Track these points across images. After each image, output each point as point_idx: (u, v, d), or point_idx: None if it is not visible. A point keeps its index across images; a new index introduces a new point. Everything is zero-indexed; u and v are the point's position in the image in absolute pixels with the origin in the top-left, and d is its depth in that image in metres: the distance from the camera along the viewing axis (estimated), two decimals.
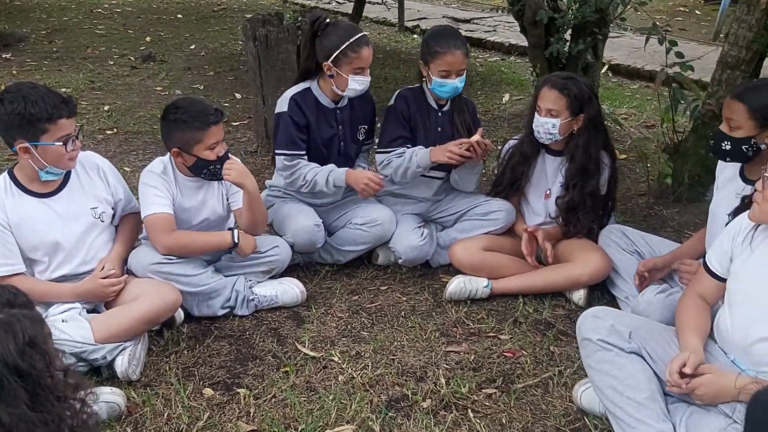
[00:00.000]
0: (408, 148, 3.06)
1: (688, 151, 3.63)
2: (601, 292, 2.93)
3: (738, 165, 2.51)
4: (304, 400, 2.35)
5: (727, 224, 2.44)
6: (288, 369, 2.50)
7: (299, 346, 2.64)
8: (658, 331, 2.19)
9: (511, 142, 3.15)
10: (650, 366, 2.09)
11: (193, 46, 7.43)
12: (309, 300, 2.93)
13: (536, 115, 2.89)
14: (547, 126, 2.86)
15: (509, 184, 3.08)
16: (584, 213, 2.93)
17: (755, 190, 2.01)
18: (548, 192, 3.03)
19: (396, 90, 3.21)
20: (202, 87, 5.98)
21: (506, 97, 5.75)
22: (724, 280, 2.12)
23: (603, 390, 2.08)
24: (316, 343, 2.67)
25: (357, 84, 2.92)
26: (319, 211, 3.14)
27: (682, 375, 1.95)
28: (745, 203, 2.38)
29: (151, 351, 2.58)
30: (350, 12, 7.37)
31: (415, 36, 8.11)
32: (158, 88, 5.91)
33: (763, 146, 2.36)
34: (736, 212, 2.42)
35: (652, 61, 6.60)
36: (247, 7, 9.76)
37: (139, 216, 2.76)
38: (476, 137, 2.92)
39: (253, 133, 4.73)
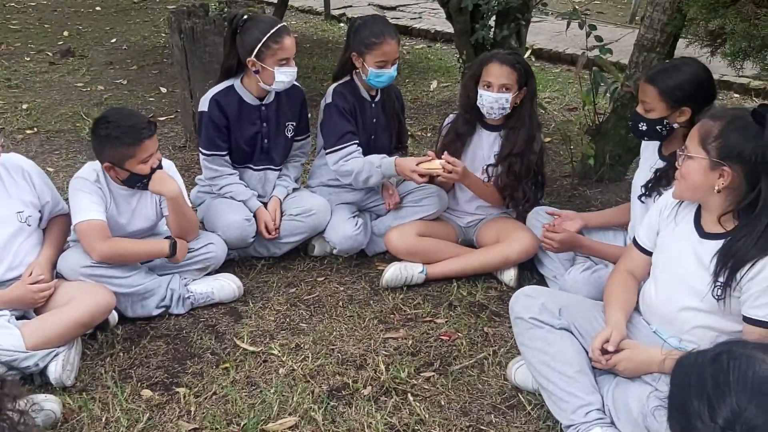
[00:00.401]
0: (357, 144, 3.07)
1: (608, 133, 3.78)
2: (531, 272, 3.03)
3: (657, 142, 2.64)
4: (245, 395, 2.36)
5: (640, 197, 2.59)
6: (228, 365, 2.50)
7: (238, 342, 2.64)
8: (586, 307, 2.29)
9: (451, 117, 3.19)
10: (579, 341, 2.19)
11: (114, 40, 7.21)
12: (246, 295, 2.92)
13: (485, 91, 2.93)
14: (501, 101, 2.92)
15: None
16: (527, 183, 3.03)
17: (677, 170, 2.13)
18: (485, 168, 3.10)
19: (325, 79, 3.24)
20: (125, 82, 5.83)
21: (434, 84, 5.81)
22: (651, 255, 2.24)
23: (536, 366, 2.17)
24: (255, 338, 2.67)
25: (284, 76, 2.92)
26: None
27: (604, 351, 2.05)
28: (658, 176, 2.53)
29: (86, 355, 2.54)
30: (275, 2, 7.29)
31: (342, 24, 8.09)
32: (79, 84, 5.73)
33: (675, 125, 2.49)
34: (647, 185, 2.57)
35: (572, 45, 6.78)
36: None
37: (68, 218, 2.69)
38: (441, 161, 2.91)
39: (181, 128, 4.65)
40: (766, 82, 5.32)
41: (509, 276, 2.98)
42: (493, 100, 2.92)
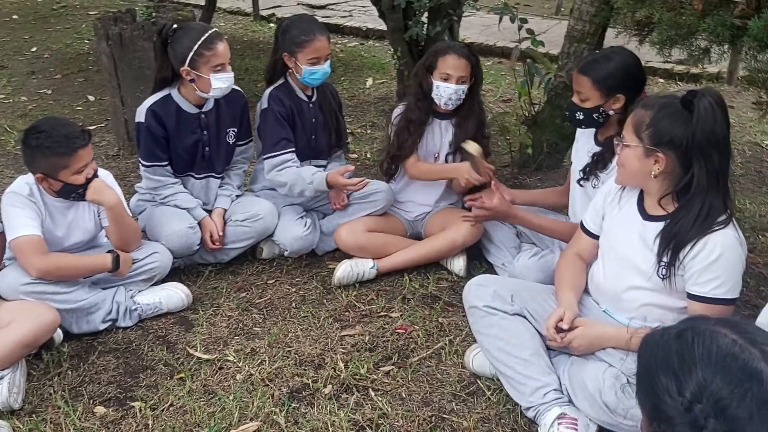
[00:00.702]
0: (293, 150, 3.07)
1: (544, 122, 3.87)
2: (479, 261, 3.08)
3: (592, 129, 2.71)
4: (204, 404, 2.31)
5: (578, 181, 2.67)
6: (183, 375, 2.45)
7: (191, 351, 2.59)
8: (536, 291, 2.35)
9: (398, 110, 3.19)
10: (533, 325, 2.24)
11: (34, 49, 6.93)
12: (195, 302, 2.87)
13: (443, 83, 2.94)
14: (459, 93, 2.97)
15: (411, 146, 3.10)
16: None
17: (614, 155, 2.20)
18: (437, 155, 3.13)
19: (259, 80, 3.21)
20: (50, 91, 5.62)
21: (369, 81, 5.83)
22: (598, 238, 2.30)
23: (492, 352, 2.21)
24: (209, 345, 2.63)
25: (221, 82, 2.87)
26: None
27: (559, 330, 2.11)
28: (595, 161, 2.62)
29: (31, 376, 2.44)
30: (203, 3, 7.16)
31: (272, 25, 8.01)
32: (1, 96, 5.49)
33: (611, 112, 2.57)
34: (585, 170, 2.65)
35: (502, 38, 6.92)
36: (90, 3, 9.22)
37: (2, 236, 2.58)
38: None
39: (113, 136, 4.51)
40: (689, 67, 5.55)
41: (459, 266, 3.02)
42: (452, 92, 2.95)
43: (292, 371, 2.47)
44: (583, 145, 2.78)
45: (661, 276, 2.01)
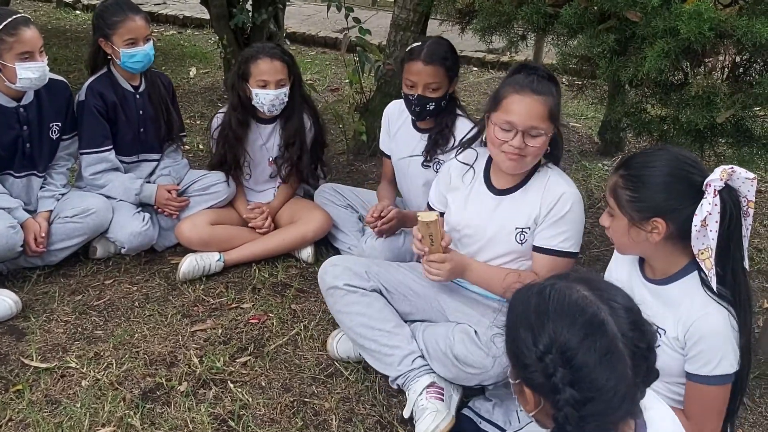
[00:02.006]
0: (111, 148, 2.97)
1: (376, 109, 3.98)
2: (326, 247, 3.13)
3: (410, 118, 2.84)
4: (48, 416, 2.15)
5: (423, 164, 2.81)
6: (20, 387, 2.26)
7: (26, 361, 2.39)
8: (388, 265, 2.44)
9: (220, 116, 3.14)
10: (388, 300, 2.32)
11: None
12: (25, 309, 2.65)
13: (262, 90, 2.90)
14: (281, 97, 2.94)
15: (233, 159, 3.07)
16: (305, 168, 3.10)
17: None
18: (270, 159, 3.12)
19: (70, 71, 3.03)
20: None
21: (193, 71, 5.64)
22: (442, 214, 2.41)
23: (355, 329, 2.26)
24: (46, 353, 2.44)
25: (29, 72, 2.64)
26: None
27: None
28: (434, 141, 2.76)
29: None
30: None
31: (78, 12, 7.48)
32: None
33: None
34: (427, 152, 2.79)
35: (324, 28, 7.00)
36: None
37: None
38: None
39: None
40: (499, 56, 5.98)
41: (307, 253, 3.04)
42: (273, 98, 2.93)
43: (143, 372, 2.37)
44: (405, 133, 2.90)
45: (521, 242, 2.18)
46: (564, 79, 5.68)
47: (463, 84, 5.49)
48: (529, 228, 2.17)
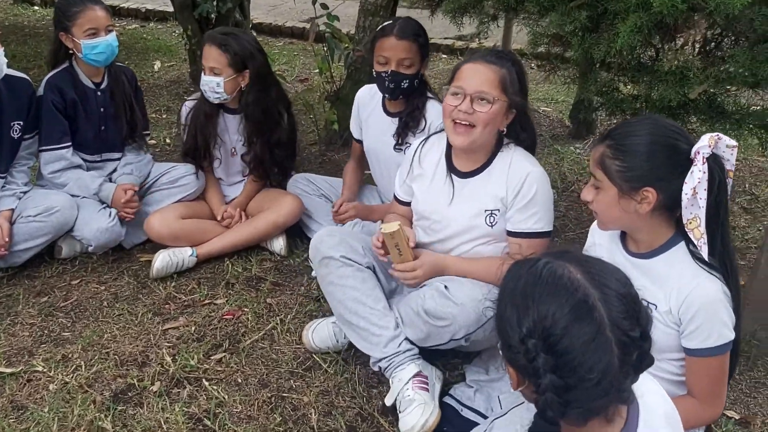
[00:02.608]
0: (69, 145, 2.89)
1: (347, 97, 3.90)
2: (300, 239, 3.06)
3: (380, 103, 2.81)
4: (14, 422, 2.07)
5: (395, 147, 2.76)
6: None
7: None
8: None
9: (189, 104, 3.04)
10: (379, 279, 2.27)
11: None
12: None
13: (204, 77, 2.85)
14: (212, 85, 2.83)
15: (203, 146, 2.98)
16: (273, 164, 3.01)
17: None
18: (234, 150, 3.04)
19: (30, 68, 2.93)
20: None
21: (157, 64, 5.51)
22: (409, 204, 2.38)
23: (346, 303, 2.18)
24: (11, 357, 2.35)
25: None
26: None
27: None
28: (404, 124, 2.71)
29: None
30: None
31: (36, 8, 7.27)
32: None
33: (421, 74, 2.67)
34: (398, 134, 2.74)
35: (290, 18, 6.89)
36: None
37: None
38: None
39: None
40: (468, 42, 5.94)
41: (279, 245, 2.97)
42: (204, 84, 2.85)
43: (114, 373, 2.29)
44: (376, 119, 2.85)
45: (491, 224, 2.14)
46: (533, 64, 5.69)
47: (433, 71, 5.44)
48: (498, 210, 2.14)
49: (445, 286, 2.08)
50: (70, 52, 2.86)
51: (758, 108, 2.71)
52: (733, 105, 2.59)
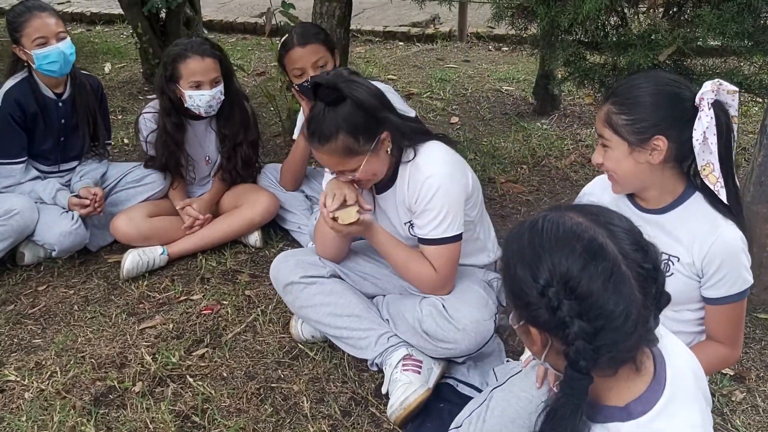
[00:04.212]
0: (24, 160, 2.77)
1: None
2: (274, 230, 2.98)
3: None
4: None
5: None
6: None
7: None
8: None
9: (147, 116, 2.87)
10: (348, 282, 2.20)
11: None
12: None
13: (197, 92, 2.67)
14: (218, 96, 2.72)
15: (174, 164, 2.86)
16: (244, 163, 2.92)
17: None
18: (207, 158, 2.95)
19: None
20: None
21: (108, 66, 5.36)
22: None
23: (323, 321, 2.13)
24: None
25: None
26: None
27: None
28: None
29: None
30: None
31: None
32: None
33: None
34: None
35: (241, 14, 6.79)
36: None
37: None
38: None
39: None
40: (423, 29, 5.92)
41: (254, 238, 2.89)
42: (209, 98, 2.70)
43: (92, 376, 2.20)
44: None
45: (413, 235, 2.08)
46: (490, 46, 5.71)
47: (391, 58, 5.41)
48: (411, 221, 2.07)
49: (443, 305, 2.01)
50: (25, 64, 2.74)
51: (724, 71, 2.74)
52: (702, 67, 2.62)
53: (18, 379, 2.18)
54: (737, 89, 1.60)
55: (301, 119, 2.90)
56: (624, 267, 1.06)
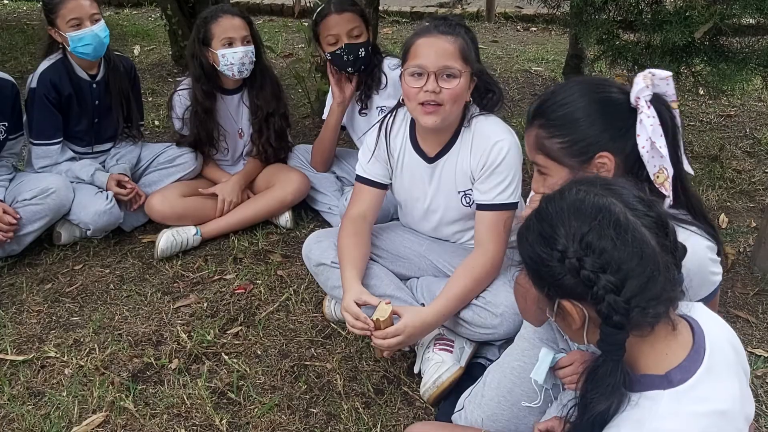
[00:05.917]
0: (60, 141, 2.81)
1: None
2: (305, 211, 3.01)
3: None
4: (33, 408, 2.01)
5: (360, 111, 2.82)
6: None
7: (1, 355, 2.23)
8: (376, 229, 2.29)
9: (182, 93, 2.90)
10: (381, 264, 2.20)
11: None
12: None
13: (228, 50, 2.71)
14: (249, 54, 2.76)
15: (207, 136, 2.90)
16: (277, 135, 2.94)
17: None
18: (240, 131, 2.97)
19: (6, 60, 2.81)
20: None
21: (137, 49, 5.41)
22: (383, 186, 2.21)
23: None
24: (21, 345, 2.28)
25: None
26: None
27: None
28: (368, 85, 2.77)
29: None
30: None
31: (6, 2, 7.10)
32: None
33: None
34: (360, 98, 2.78)
35: None
36: None
37: None
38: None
39: None
40: (451, 8, 5.88)
41: (285, 218, 2.92)
42: (242, 55, 2.73)
43: (129, 353, 2.24)
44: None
45: (467, 204, 2.08)
46: (519, 26, 5.65)
47: None
48: (471, 189, 2.06)
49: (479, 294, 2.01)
50: (60, 46, 2.77)
51: (759, 48, 2.69)
52: (738, 44, 2.57)
53: (57, 355, 2.23)
54: (670, 73, 1.44)
55: (329, 100, 2.90)
56: (631, 216, 1.09)
